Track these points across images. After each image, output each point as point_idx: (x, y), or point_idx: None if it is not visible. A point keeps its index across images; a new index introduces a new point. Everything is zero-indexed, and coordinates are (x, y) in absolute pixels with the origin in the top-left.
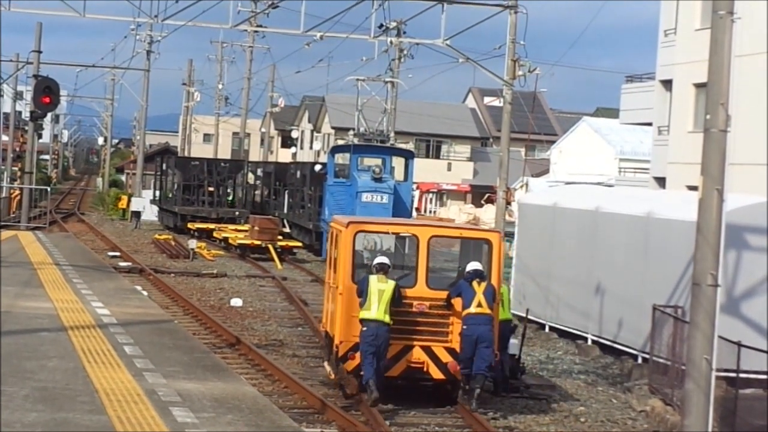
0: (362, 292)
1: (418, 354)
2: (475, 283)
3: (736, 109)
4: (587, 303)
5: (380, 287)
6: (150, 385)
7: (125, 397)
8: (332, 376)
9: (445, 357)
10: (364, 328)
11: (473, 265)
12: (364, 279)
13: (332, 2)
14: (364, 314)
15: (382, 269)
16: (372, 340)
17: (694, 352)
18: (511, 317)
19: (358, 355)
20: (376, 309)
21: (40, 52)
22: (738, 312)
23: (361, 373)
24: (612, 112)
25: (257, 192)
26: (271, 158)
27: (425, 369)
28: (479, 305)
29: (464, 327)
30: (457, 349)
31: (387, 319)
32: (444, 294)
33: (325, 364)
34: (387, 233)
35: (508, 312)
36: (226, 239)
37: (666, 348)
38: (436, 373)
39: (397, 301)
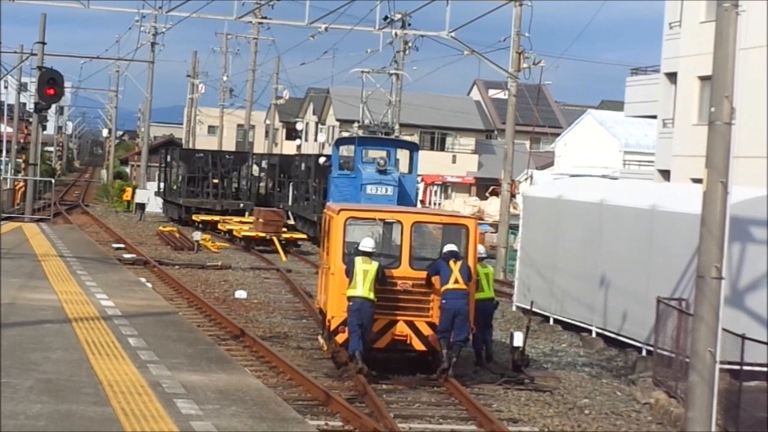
0: (349, 272)
1: (402, 328)
2: (451, 263)
3: (741, 101)
4: (592, 295)
5: (365, 267)
6: (154, 377)
7: (129, 389)
8: (325, 348)
9: (427, 330)
10: (350, 303)
11: (449, 247)
12: (350, 260)
13: None
14: (351, 292)
15: (366, 253)
16: (357, 313)
17: (698, 344)
18: (493, 296)
19: (347, 329)
20: (362, 287)
21: (44, 43)
22: (742, 304)
23: (351, 350)
24: (617, 105)
25: (262, 184)
26: (276, 150)
27: (408, 341)
28: (456, 281)
29: (443, 301)
30: (437, 324)
31: (371, 296)
32: (424, 274)
33: (319, 337)
34: (374, 219)
35: (491, 291)
36: (230, 231)
37: (670, 340)
38: (418, 345)
39: (381, 280)
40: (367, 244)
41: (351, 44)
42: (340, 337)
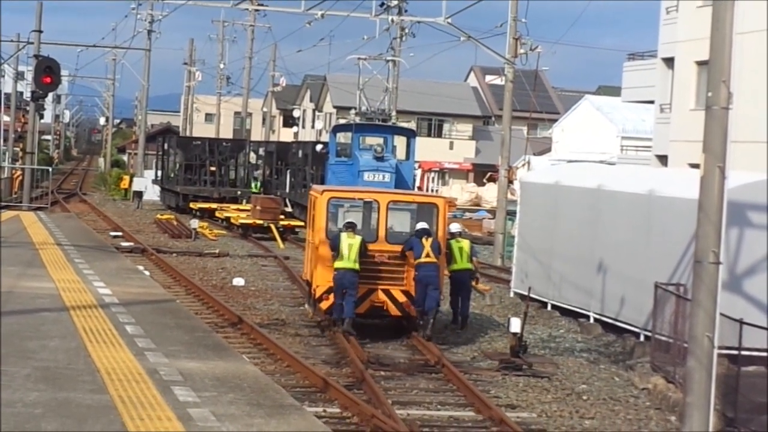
0: (335, 247)
1: (379, 296)
2: (423, 239)
3: (738, 86)
4: (589, 281)
5: (350, 241)
6: (151, 365)
7: (127, 377)
8: (310, 315)
9: (401, 298)
10: (336, 273)
11: (421, 225)
12: (336, 236)
13: None
14: (338, 264)
15: (351, 227)
16: (340, 280)
17: (696, 329)
18: (470, 267)
19: (331, 296)
20: (348, 258)
21: (40, 31)
22: (740, 289)
23: (333, 315)
24: (614, 90)
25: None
26: (273, 138)
27: (385, 308)
28: (427, 255)
29: (416, 273)
30: (411, 292)
31: (357, 266)
32: (399, 248)
33: (306, 305)
34: (354, 199)
35: (467, 263)
36: (228, 219)
37: (668, 326)
38: (394, 311)
39: (363, 252)
40: (351, 220)
41: (347, 31)
42: (324, 304)
